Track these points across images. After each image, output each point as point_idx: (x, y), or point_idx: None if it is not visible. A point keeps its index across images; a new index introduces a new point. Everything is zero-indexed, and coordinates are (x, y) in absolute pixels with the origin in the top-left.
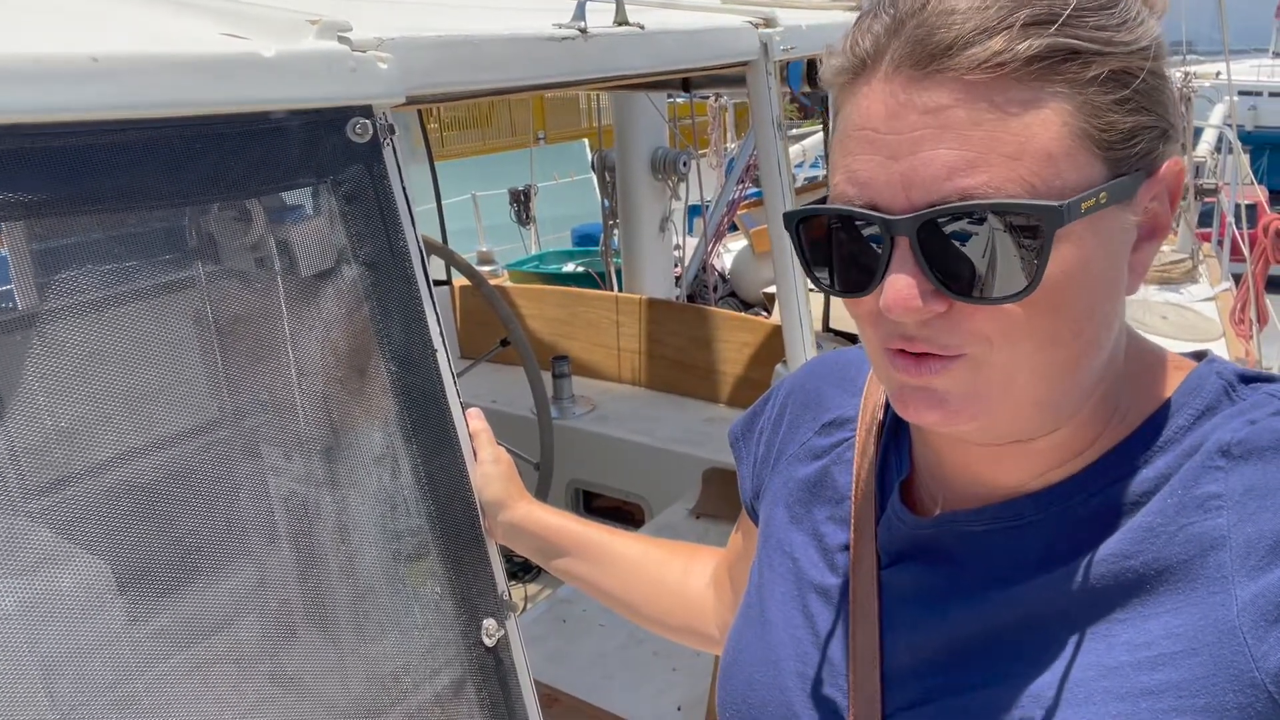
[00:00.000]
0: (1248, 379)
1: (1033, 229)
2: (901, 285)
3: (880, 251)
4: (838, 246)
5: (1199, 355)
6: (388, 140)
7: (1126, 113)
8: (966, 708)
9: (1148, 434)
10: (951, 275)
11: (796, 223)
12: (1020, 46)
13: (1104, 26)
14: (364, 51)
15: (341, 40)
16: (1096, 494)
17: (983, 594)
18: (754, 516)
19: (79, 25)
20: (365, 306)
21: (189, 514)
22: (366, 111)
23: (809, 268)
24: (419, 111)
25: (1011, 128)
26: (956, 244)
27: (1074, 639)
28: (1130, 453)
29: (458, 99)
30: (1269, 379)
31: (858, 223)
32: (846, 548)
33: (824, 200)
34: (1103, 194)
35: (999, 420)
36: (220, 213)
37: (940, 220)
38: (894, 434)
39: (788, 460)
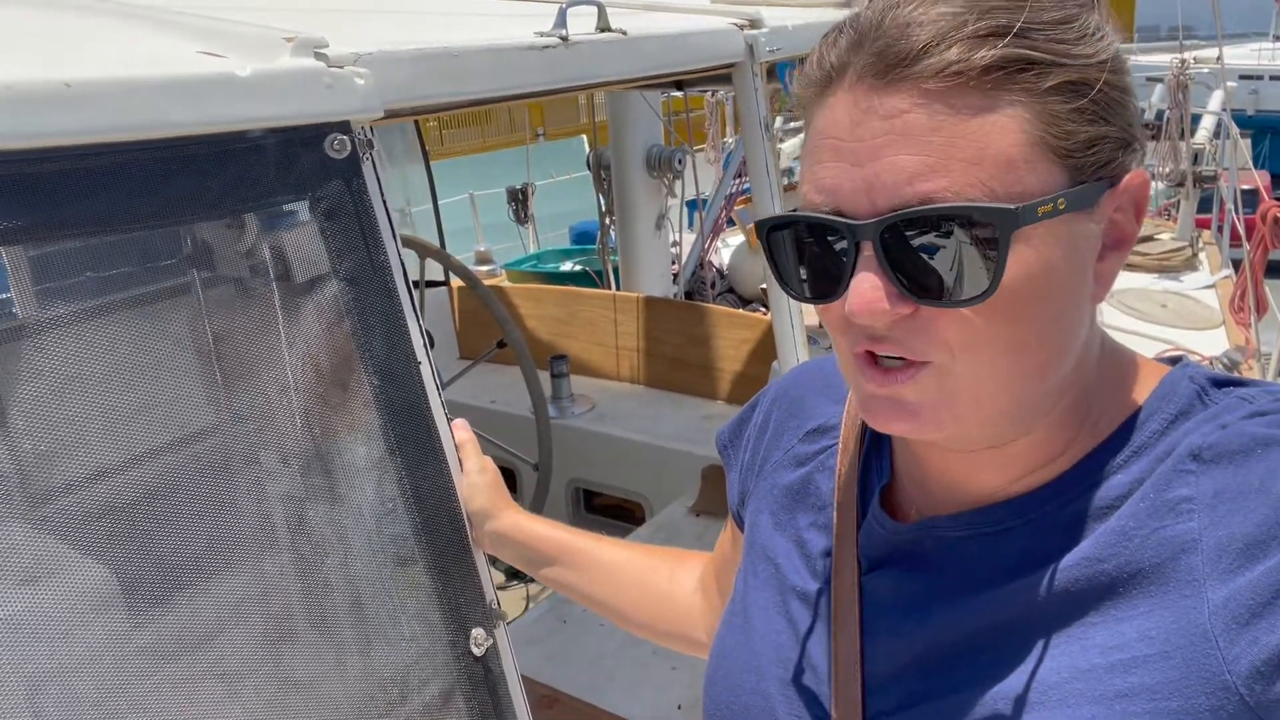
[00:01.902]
0: (1220, 383)
1: (990, 232)
2: (866, 288)
3: (846, 258)
4: (806, 254)
5: (1174, 360)
6: (367, 155)
7: (1085, 122)
8: (946, 712)
9: (1121, 439)
10: (914, 279)
11: (767, 232)
12: (976, 56)
13: (1061, 40)
14: (340, 67)
15: (318, 56)
16: (1072, 499)
17: (961, 599)
18: (740, 523)
19: (59, 45)
20: (347, 321)
21: (172, 530)
22: (344, 127)
23: (780, 276)
24: None
25: (970, 134)
26: (918, 248)
27: (1049, 642)
28: (1104, 458)
29: (438, 111)
30: (1241, 382)
31: (825, 230)
32: (829, 554)
33: (796, 209)
34: (1061, 200)
35: (968, 428)
36: (199, 232)
37: (902, 224)
38: (875, 441)
39: (772, 467)
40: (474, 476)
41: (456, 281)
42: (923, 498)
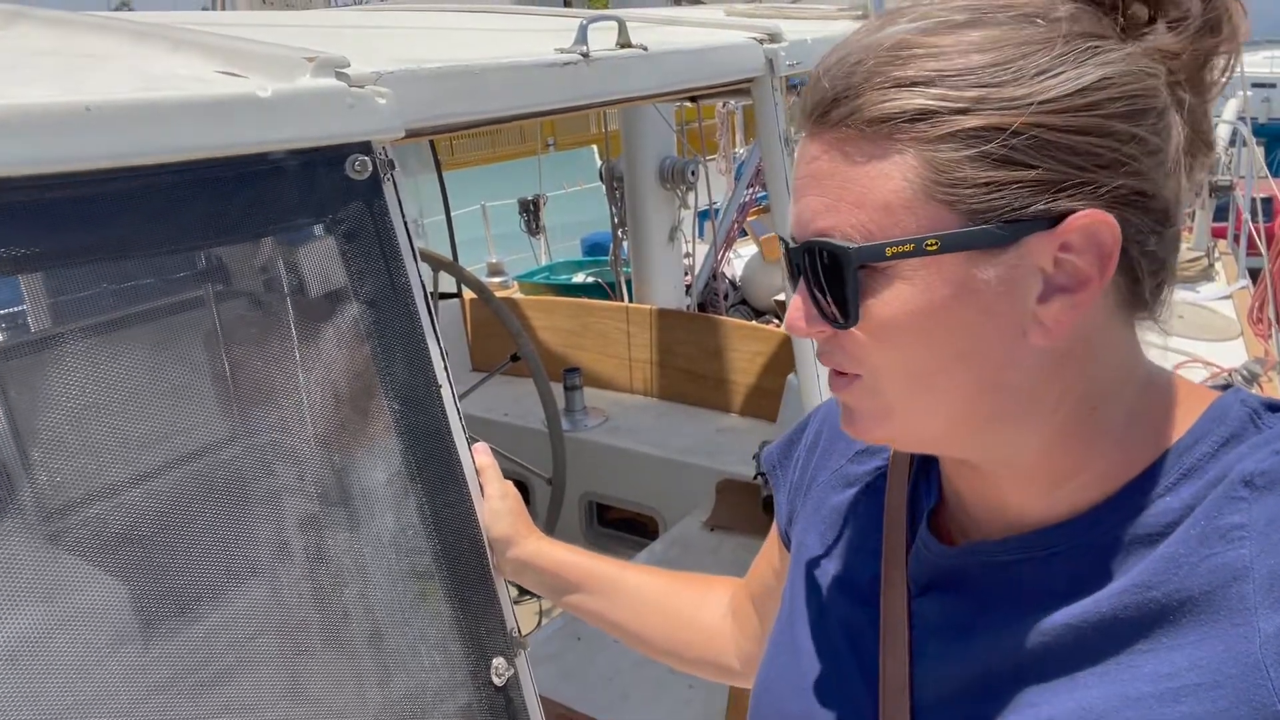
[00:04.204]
0: (1274, 407)
1: (841, 266)
2: (793, 307)
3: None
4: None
5: (1224, 387)
6: (388, 175)
7: (988, 166)
8: None
9: (1170, 462)
10: (821, 303)
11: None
12: (869, 109)
13: (981, 84)
14: (361, 87)
15: (339, 76)
16: (1120, 524)
17: (1009, 624)
18: (787, 542)
19: (77, 65)
20: (367, 343)
21: (190, 553)
22: (365, 148)
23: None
24: None
25: (857, 179)
26: (812, 278)
27: (1098, 669)
28: (1153, 481)
29: (460, 129)
30: None
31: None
32: (877, 577)
33: None
34: (931, 241)
35: (909, 440)
36: (220, 255)
37: (803, 255)
38: (925, 463)
39: (820, 487)
40: (495, 502)
41: (469, 293)
42: (968, 521)
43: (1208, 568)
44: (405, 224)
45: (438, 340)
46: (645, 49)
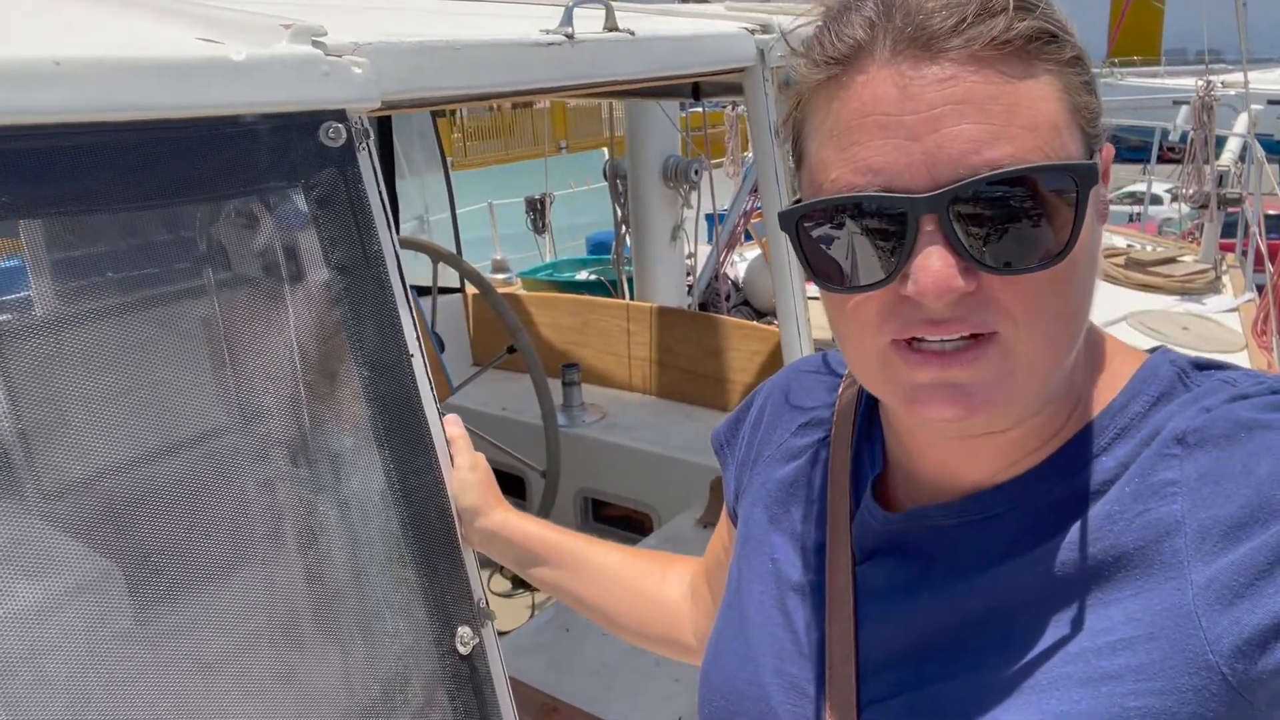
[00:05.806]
0: (1201, 365)
1: (1067, 190)
2: (936, 265)
3: (901, 237)
4: (846, 241)
5: (1153, 349)
6: (363, 144)
7: (1089, 94)
8: (937, 698)
9: (1104, 423)
10: (983, 250)
11: (796, 221)
12: (1019, 24)
13: (1060, 18)
14: (338, 56)
15: (315, 44)
16: (1058, 484)
17: (951, 587)
18: (735, 518)
19: (59, 32)
20: (337, 311)
21: (147, 522)
22: (340, 116)
23: (811, 270)
24: (434, 121)
25: (1023, 100)
26: (989, 217)
27: (1039, 627)
28: (1089, 442)
29: (438, 104)
30: (1221, 365)
31: (868, 212)
32: (823, 546)
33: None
34: (1099, 164)
35: (1013, 410)
36: (187, 216)
37: (970, 195)
38: (867, 431)
39: (766, 461)
40: (464, 473)
41: (472, 289)
42: (913, 487)
43: (1142, 523)
44: (381, 194)
45: (412, 312)
46: (632, 34)
